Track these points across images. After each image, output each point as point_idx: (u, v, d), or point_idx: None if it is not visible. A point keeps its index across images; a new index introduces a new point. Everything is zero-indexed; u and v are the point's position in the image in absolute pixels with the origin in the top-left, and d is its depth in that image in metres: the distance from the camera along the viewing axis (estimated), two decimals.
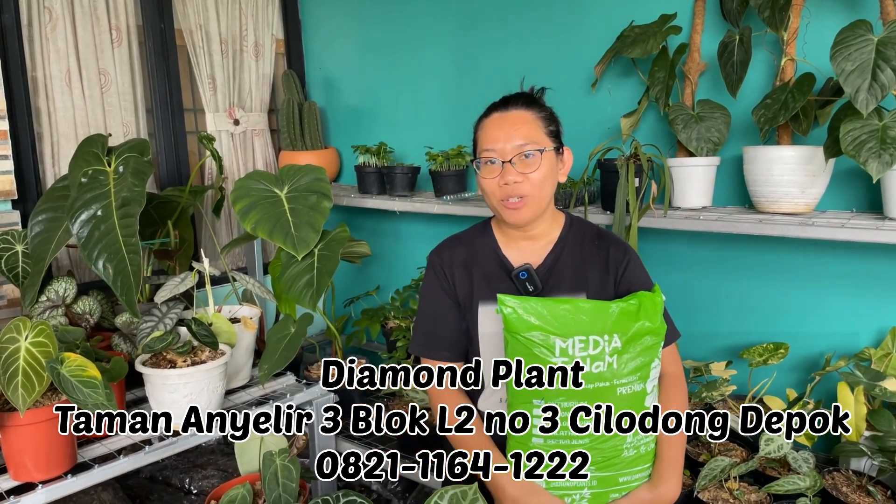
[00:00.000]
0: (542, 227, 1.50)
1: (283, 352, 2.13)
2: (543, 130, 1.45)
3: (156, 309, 2.10)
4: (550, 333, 1.26)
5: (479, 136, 1.48)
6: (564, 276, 1.46)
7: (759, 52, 2.03)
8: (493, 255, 1.51)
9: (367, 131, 3.09)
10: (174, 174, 2.88)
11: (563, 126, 2.45)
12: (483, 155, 1.44)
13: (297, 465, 1.46)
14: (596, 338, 1.27)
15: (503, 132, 1.42)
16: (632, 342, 1.29)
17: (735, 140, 2.11)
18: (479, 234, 1.56)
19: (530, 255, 1.50)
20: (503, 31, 2.61)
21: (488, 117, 1.47)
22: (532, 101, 1.49)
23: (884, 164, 1.57)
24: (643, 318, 1.30)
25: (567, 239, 1.51)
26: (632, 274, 1.48)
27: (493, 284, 1.47)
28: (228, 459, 2.57)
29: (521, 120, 1.44)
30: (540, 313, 1.27)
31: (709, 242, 2.24)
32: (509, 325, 1.29)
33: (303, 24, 3.30)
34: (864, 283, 1.99)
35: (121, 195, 2.04)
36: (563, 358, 1.26)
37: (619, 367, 1.28)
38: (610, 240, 1.52)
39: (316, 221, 2.25)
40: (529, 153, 1.41)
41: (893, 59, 1.55)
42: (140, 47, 2.77)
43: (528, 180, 1.41)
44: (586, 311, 1.28)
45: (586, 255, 1.49)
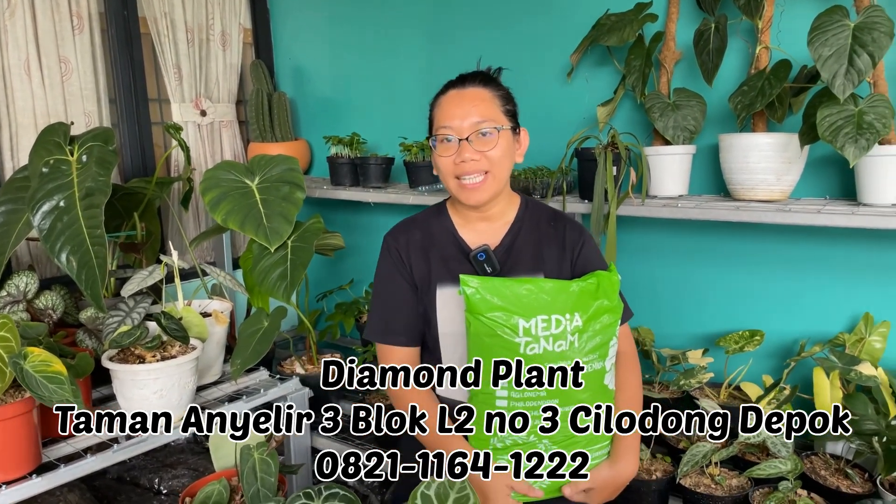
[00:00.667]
0: (498, 208, 1.48)
1: (257, 346, 2.08)
2: (500, 109, 1.43)
3: (122, 303, 2.03)
4: (513, 313, 1.26)
5: (435, 113, 1.46)
6: (522, 257, 1.46)
7: (734, 41, 2.04)
8: (449, 237, 1.49)
9: (339, 122, 3.04)
10: (139, 166, 2.80)
11: (539, 115, 2.46)
12: (439, 132, 1.41)
13: (276, 459, 1.41)
14: (558, 317, 1.27)
15: (460, 109, 1.39)
16: (592, 320, 1.29)
17: (710, 129, 2.12)
18: (434, 217, 1.53)
19: (487, 236, 1.48)
20: (478, 20, 2.58)
21: (445, 94, 1.45)
22: (489, 79, 1.47)
23: (860, 148, 1.58)
24: (602, 296, 1.31)
25: (523, 220, 1.50)
26: (587, 254, 1.49)
27: (451, 266, 1.44)
28: (199, 458, 2.50)
29: (478, 97, 1.41)
30: (502, 293, 1.27)
31: (686, 231, 2.24)
32: (472, 305, 1.27)
33: (271, 14, 3.23)
34: (837, 270, 2.02)
35: (84, 185, 1.96)
36: (526, 338, 1.26)
37: (580, 346, 1.28)
38: (565, 221, 1.52)
39: (289, 212, 2.20)
40: (486, 131, 1.39)
41: (870, 45, 1.56)
42: (102, 35, 2.68)
43: (485, 158, 1.39)
44: (548, 290, 1.28)
45: (543, 236, 1.48)
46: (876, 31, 1.56)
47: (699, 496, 1.68)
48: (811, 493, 1.66)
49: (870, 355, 1.93)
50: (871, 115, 1.61)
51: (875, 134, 1.58)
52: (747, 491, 1.68)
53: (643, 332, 2.27)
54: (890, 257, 1.93)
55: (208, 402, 2.02)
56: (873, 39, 1.56)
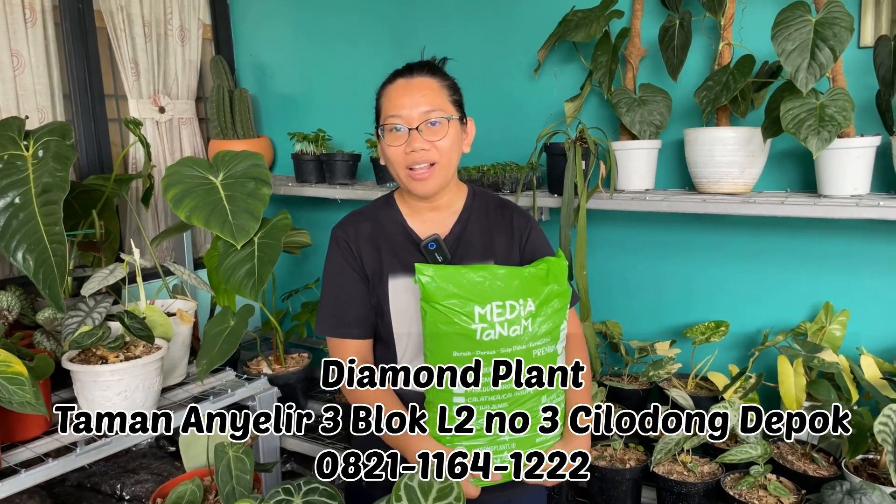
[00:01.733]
0: (447, 198, 1.48)
1: (223, 345, 2.03)
2: (448, 99, 1.42)
3: (82, 303, 1.97)
4: (468, 300, 1.27)
5: (382, 102, 1.43)
6: (473, 245, 1.46)
7: (698, 37, 2.08)
8: (399, 227, 1.48)
9: (303, 118, 3.00)
10: (95, 163, 2.71)
11: (507, 110, 2.47)
12: (388, 122, 1.39)
13: (252, 457, 1.38)
14: (512, 302, 1.28)
15: (409, 98, 1.38)
16: (544, 305, 1.31)
17: (674, 124, 2.16)
18: (383, 208, 1.52)
19: (437, 226, 1.47)
20: (442, 16, 2.58)
21: (392, 83, 1.42)
22: (436, 69, 1.46)
23: (823, 140, 1.63)
24: (552, 281, 1.33)
25: (472, 208, 1.50)
26: (535, 240, 1.50)
27: (402, 257, 1.44)
28: (161, 462, 2.43)
29: (426, 87, 1.40)
30: (457, 281, 1.28)
31: (652, 224, 2.28)
32: (427, 294, 1.28)
33: (231, 9, 3.17)
34: (798, 261, 2.07)
35: (41, 181, 1.89)
36: (482, 324, 1.26)
37: (533, 330, 1.30)
38: (513, 208, 1.53)
39: (255, 208, 2.15)
40: (436, 120, 1.38)
41: (831, 39, 1.61)
42: (56, 28, 2.59)
43: (435, 148, 1.38)
44: (501, 276, 1.30)
45: (491, 224, 1.49)
46: (837, 25, 1.61)
47: (673, 483, 1.70)
48: (780, 477, 1.70)
49: (830, 343, 1.99)
50: (833, 108, 1.66)
51: (836, 126, 1.63)
52: (719, 477, 1.71)
53: (611, 326, 2.30)
54: (848, 248, 2.00)
55: (174, 404, 1.97)
56: (834, 34, 1.60)
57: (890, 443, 1.53)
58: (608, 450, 1.87)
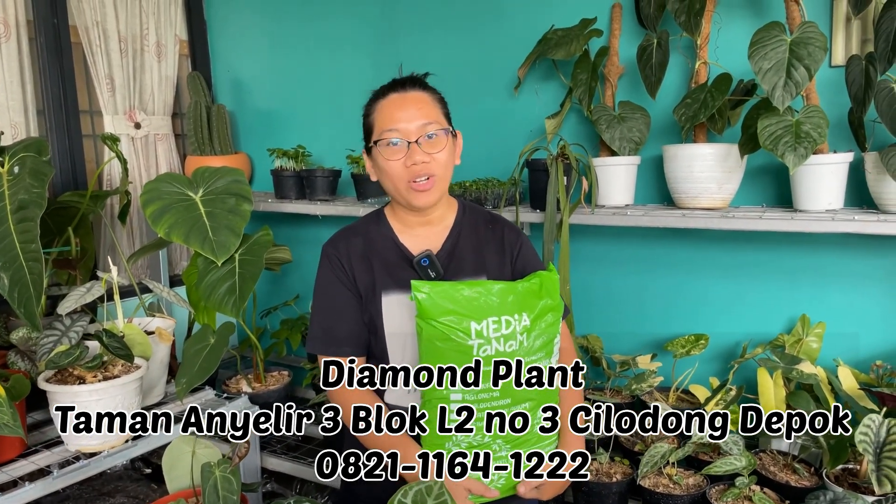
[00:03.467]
0: (439, 212, 1.49)
1: (203, 364, 1.99)
2: (441, 112, 1.44)
3: (58, 322, 1.92)
4: (465, 317, 1.27)
5: (375, 118, 1.43)
6: (465, 260, 1.46)
7: (675, 56, 2.12)
8: (390, 243, 1.48)
9: (281, 135, 2.99)
10: (69, 180, 2.67)
11: (489, 127, 2.49)
12: (385, 136, 1.38)
13: (238, 477, 1.35)
14: (507, 317, 1.28)
15: (406, 112, 1.38)
16: (538, 319, 1.32)
17: (653, 140, 2.19)
18: (373, 224, 1.51)
19: (428, 241, 1.48)
20: (424, 37, 2.60)
21: (385, 98, 1.43)
22: (425, 83, 1.47)
23: (799, 156, 1.67)
24: (545, 295, 1.34)
25: (463, 223, 1.50)
26: (525, 254, 1.51)
27: (395, 273, 1.43)
28: (137, 485, 2.38)
29: (421, 100, 1.41)
30: (453, 297, 1.28)
31: (632, 239, 2.31)
32: (424, 311, 1.27)
33: (208, 25, 3.16)
34: (775, 274, 2.11)
35: (17, 197, 1.85)
36: (478, 340, 1.27)
37: (528, 345, 1.30)
38: (503, 223, 1.54)
39: (236, 225, 2.13)
40: (433, 133, 1.39)
41: (806, 58, 1.65)
42: (31, 43, 2.55)
43: (434, 160, 1.38)
44: (496, 292, 1.30)
45: (482, 239, 1.50)
46: (811, 45, 1.65)
47: (659, 496, 1.71)
48: (764, 488, 1.72)
49: (807, 355, 2.02)
50: (808, 125, 1.70)
51: (812, 143, 1.67)
52: (704, 489, 1.72)
53: (592, 340, 2.32)
54: (823, 261, 2.04)
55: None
56: (809, 53, 1.65)
57: (871, 452, 1.55)
58: (594, 464, 1.87)
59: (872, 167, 1.79)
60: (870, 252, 1.98)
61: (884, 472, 1.52)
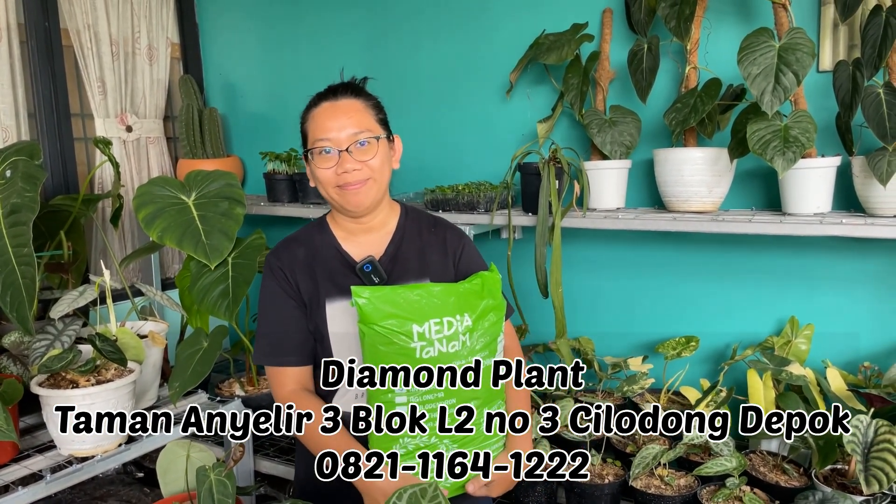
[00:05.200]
0: (379, 218, 1.50)
1: (196, 367, 1.99)
2: (374, 118, 1.45)
3: (50, 326, 1.92)
4: (406, 319, 1.27)
5: (309, 126, 1.45)
6: (408, 265, 1.47)
7: (665, 61, 2.14)
8: (333, 251, 1.49)
9: (273, 138, 2.99)
10: (60, 183, 2.66)
11: (481, 131, 2.51)
12: (317, 145, 1.40)
13: (234, 480, 1.36)
14: (449, 318, 1.29)
15: (336, 122, 1.40)
16: (480, 319, 1.33)
17: (643, 144, 2.21)
18: (316, 232, 1.52)
19: (371, 247, 1.49)
20: (416, 39, 2.61)
21: (317, 107, 1.44)
22: (359, 90, 1.48)
23: (788, 160, 1.69)
24: (487, 296, 1.35)
25: (405, 228, 1.52)
26: (468, 256, 1.53)
27: (338, 280, 1.44)
28: (130, 489, 2.37)
29: (352, 108, 1.42)
30: (394, 301, 1.28)
31: (623, 242, 2.33)
32: (365, 316, 1.28)
33: (200, 28, 3.16)
34: (764, 277, 2.14)
35: (9, 201, 1.85)
36: (421, 342, 1.27)
37: (471, 344, 1.31)
38: (446, 226, 1.56)
39: (229, 228, 2.14)
40: (364, 141, 1.40)
41: (794, 64, 1.68)
42: (22, 47, 2.55)
43: (366, 167, 1.40)
44: (437, 294, 1.31)
45: (425, 243, 1.51)
46: (799, 51, 1.68)
47: (650, 497, 1.73)
48: (754, 488, 1.74)
49: (796, 356, 2.05)
50: (796, 129, 1.73)
51: (801, 147, 1.69)
52: (695, 489, 1.74)
53: (584, 342, 2.33)
54: (812, 264, 2.07)
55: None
56: (797, 59, 1.68)
57: (859, 452, 1.58)
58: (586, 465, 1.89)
59: (860, 171, 1.81)
60: (858, 255, 2.00)
61: (871, 472, 1.54)
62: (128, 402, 1.80)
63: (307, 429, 1.39)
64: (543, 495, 1.91)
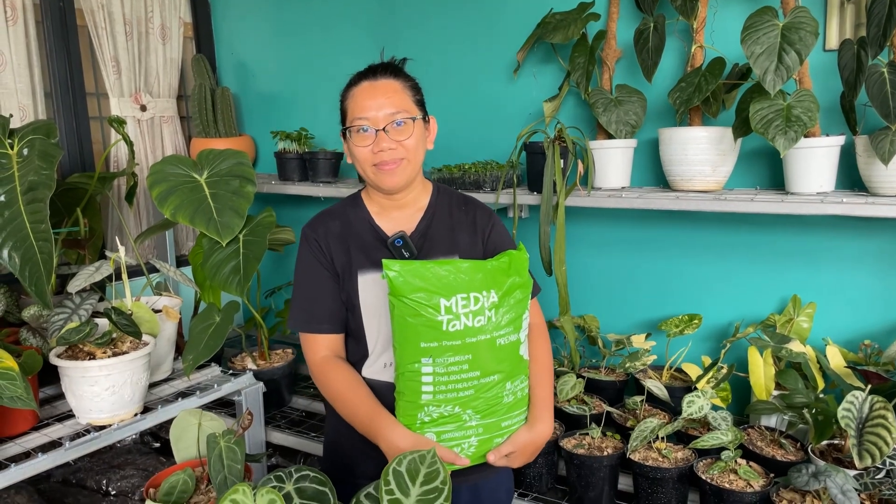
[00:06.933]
0: (412, 195, 1.54)
1: (209, 341, 2.05)
2: (412, 99, 1.49)
3: (68, 300, 1.98)
4: (434, 293, 1.32)
5: (348, 105, 1.49)
6: (437, 241, 1.52)
7: (671, 40, 2.15)
8: (367, 225, 1.53)
9: (284, 117, 3.03)
10: (76, 161, 2.72)
11: (487, 110, 2.53)
12: (355, 123, 1.45)
13: (243, 447, 1.41)
14: (476, 294, 1.33)
15: (374, 101, 1.44)
16: (506, 296, 1.36)
17: (649, 123, 2.23)
18: (350, 207, 1.57)
19: (403, 223, 1.53)
20: (425, 16, 2.63)
21: (357, 86, 1.48)
22: (399, 70, 1.52)
23: (789, 140, 1.70)
24: (513, 273, 1.39)
25: (436, 206, 1.56)
26: (497, 235, 1.57)
27: (370, 254, 1.49)
28: (147, 458, 2.45)
29: (391, 89, 1.46)
30: (423, 275, 1.32)
31: (628, 221, 2.35)
32: (395, 288, 1.33)
33: (212, 8, 3.19)
34: (767, 255, 2.15)
35: (27, 179, 1.90)
36: (448, 315, 1.31)
37: (496, 320, 1.35)
38: (476, 205, 1.60)
39: (240, 206, 2.18)
40: (401, 121, 1.44)
41: (797, 43, 1.68)
42: (37, 27, 2.59)
43: (401, 147, 1.44)
44: (465, 270, 1.35)
45: (455, 220, 1.55)
46: (802, 30, 1.68)
47: (648, 469, 1.77)
48: (749, 462, 1.77)
49: (798, 334, 2.07)
50: (799, 108, 1.73)
51: (802, 126, 1.70)
52: (692, 462, 1.78)
53: (588, 320, 2.37)
54: (814, 243, 2.08)
55: (160, 399, 1.99)
56: (800, 38, 1.68)
57: (853, 427, 1.60)
58: (586, 438, 1.93)
59: (863, 150, 1.82)
60: (860, 234, 2.01)
61: (865, 447, 1.56)
62: (142, 373, 1.86)
63: (337, 392, 1.46)
64: (544, 467, 1.96)
